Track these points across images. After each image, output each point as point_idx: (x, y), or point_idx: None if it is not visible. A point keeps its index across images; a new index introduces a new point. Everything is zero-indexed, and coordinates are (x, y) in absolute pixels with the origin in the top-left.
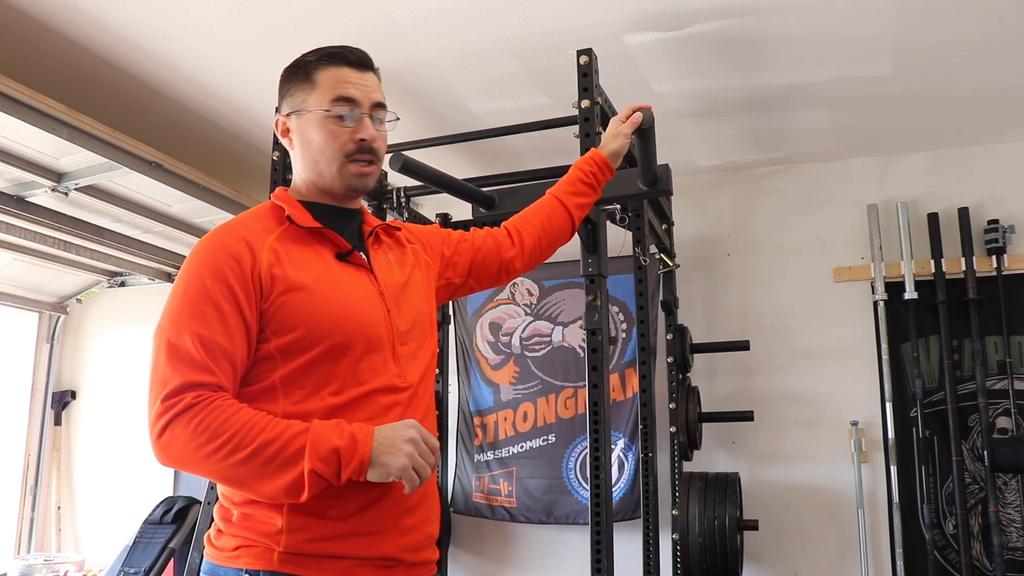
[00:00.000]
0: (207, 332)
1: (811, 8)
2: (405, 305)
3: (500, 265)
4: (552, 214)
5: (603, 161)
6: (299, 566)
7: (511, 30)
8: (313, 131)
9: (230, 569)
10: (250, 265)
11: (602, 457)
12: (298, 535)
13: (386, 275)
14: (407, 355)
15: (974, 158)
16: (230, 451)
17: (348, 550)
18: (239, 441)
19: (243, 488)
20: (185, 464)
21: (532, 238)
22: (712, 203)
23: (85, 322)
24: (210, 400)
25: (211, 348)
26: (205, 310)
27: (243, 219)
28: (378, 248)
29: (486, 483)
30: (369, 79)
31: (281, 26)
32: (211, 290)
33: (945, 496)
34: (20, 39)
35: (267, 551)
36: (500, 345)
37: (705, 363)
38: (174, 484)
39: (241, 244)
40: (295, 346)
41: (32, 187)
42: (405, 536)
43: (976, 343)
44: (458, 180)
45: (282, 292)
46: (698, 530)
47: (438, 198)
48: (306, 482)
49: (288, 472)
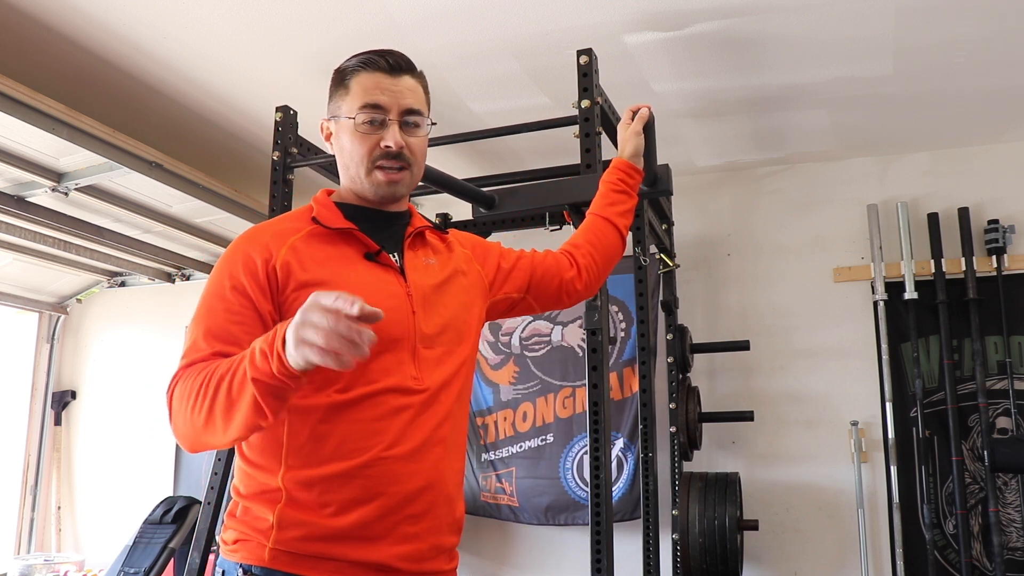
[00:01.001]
0: (213, 324)
1: (811, 8)
2: (438, 308)
3: (560, 285)
4: (598, 230)
5: (627, 165)
6: (288, 564)
7: (511, 30)
8: (345, 137)
9: (229, 562)
10: (265, 261)
11: (602, 457)
12: (288, 533)
13: (420, 277)
14: (430, 359)
15: (974, 158)
16: (202, 401)
17: (339, 552)
18: (206, 388)
19: (229, 432)
20: (185, 434)
21: (586, 257)
22: (712, 203)
23: (85, 322)
24: (194, 369)
25: (218, 335)
26: (215, 306)
27: (276, 220)
28: (418, 250)
29: (492, 482)
30: (403, 83)
31: (281, 26)
32: (224, 288)
33: (945, 496)
34: (20, 39)
35: (259, 547)
36: (500, 345)
37: (705, 363)
38: (174, 484)
39: (258, 245)
40: None
41: (32, 187)
42: (404, 544)
43: (976, 343)
44: (458, 180)
45: (297, 287)
46: (698, 530)
47: (438, 198)
48: (260, 398)
49: (243, 396)
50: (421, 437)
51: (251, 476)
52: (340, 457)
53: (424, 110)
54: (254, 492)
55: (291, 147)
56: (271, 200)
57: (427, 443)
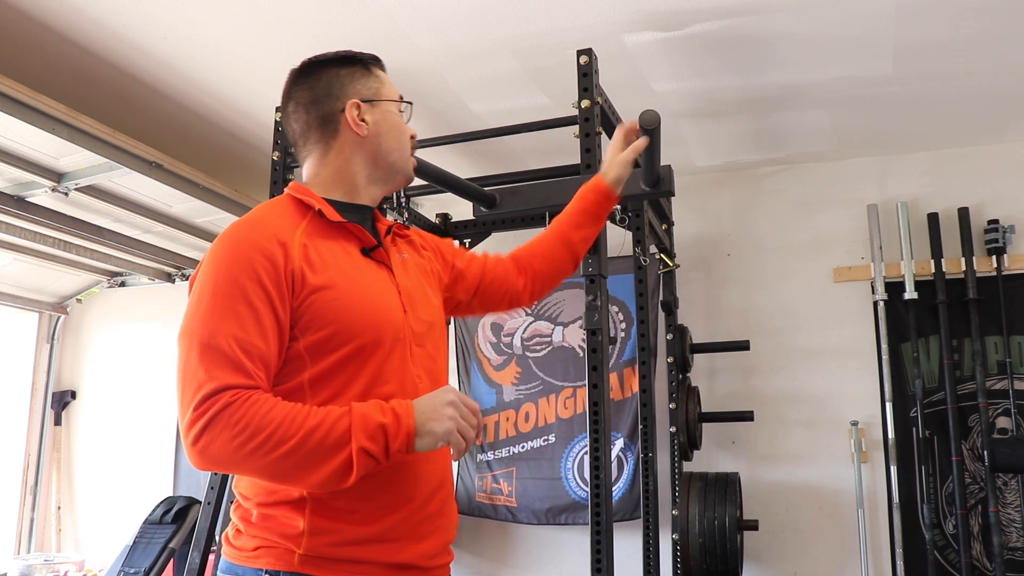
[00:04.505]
0: (242, 333)
1: (811, 8)
2: (421, 306)
3: (507, 292)
4: (556, 248)
5: (607, 191)
6: (319, 568)
7: (511, 30)
8: (394, 119)
9: (249, 569)
10: (283, 263)
11: (602, 457)
12: (320, 538)
13: (402, 275)
14: (424, 357)
15: (974, 158)
16: (275, 444)
17: (369, 555)
18: (283, 433)
19: (290, 481)
20: (228, 465)
21: (538, 271)
22: (712, 203)
23: (85, 322)
24: (247, 397)
25: (248, 350)
26: (240, 310)
27: (265, 214)
28: (394, 247)
29: (488, 483)
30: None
31: (281, 27)
32: (246, 289)
33: (945, 496)
34: (20, 39)
35: (288, 552)
36: (502, 346)
37: (705, 363)
38: (174, 484)
39: (273, 242)
40: (325, 344)
41: (32, 187)
42: (423, 542)
43: (976, 343)
44: (460, 179)
45: (313, 290)
46: (698, 530)
47: (438, 198)
48: (355, 462)
49: (336, 456)
50: None
51: (267, 485)
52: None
53: None
54: (275, 500)
55: (291, 147)
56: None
57: None
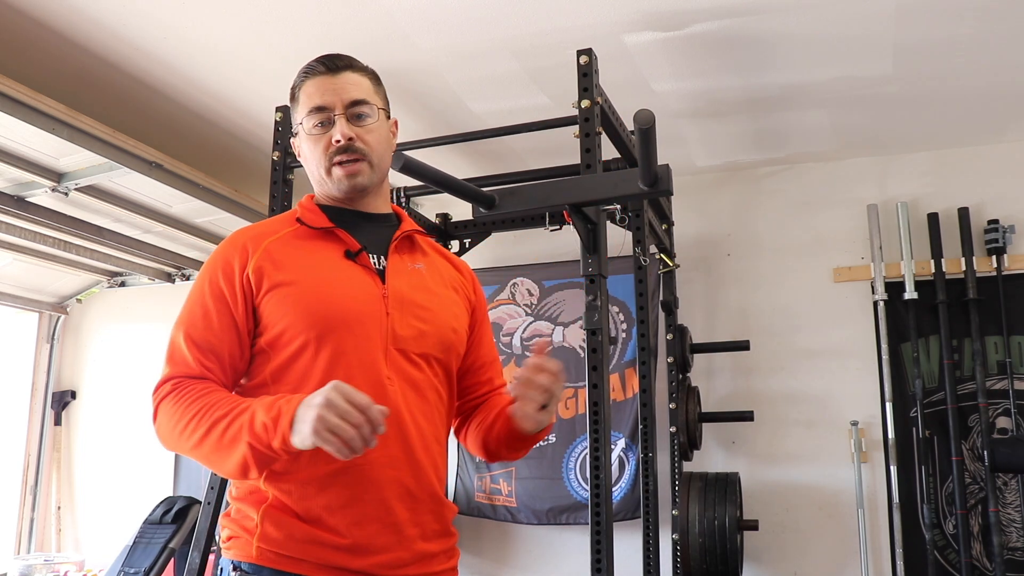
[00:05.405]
0: (194, 331)
1: (811, 8)
2: (417, 313)
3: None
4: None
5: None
6: (272, 562)
7: (511, 30)
8: (304, 146)
9: (224, 559)
10: (241, 266)
11: (602, 457)
12: (270, 533)
13: (401, 281)
14: (404, 361)
15: (974, 158)
16: (192, 430)
17: (318, 556)
18: (199, 420)
19: (212, 467)
20: (170, 445)
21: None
22: (712, 203)
23: (85, 322)
24: (187, 385)
25: (200, 344)
26: (196, 310)
27: (261, 223)
28: (404, 254)
29: (487, 483)
30: (345, 79)
31: (281, 27)
32: (204, 292)
33: (945, 496)
34: (20, 39)
35: (247, 544)
36: (501, 346)
37: (705, 363)
38: (174, 484)
39: (236, 248)
40: (280, 339)
41: (32, 187)
42: (385, 553)
43: (976, 343)
44: (459, 180)
45: (273, 286)
46: (698, 530)
47: (438, 198)
48: (250, 459)
49: (235, 450)
50: (396, 440)
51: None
52: (317, 462)
53: (372, 100)
54: (243, 494)
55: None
56: (271, 200)
57: (404, 445)
